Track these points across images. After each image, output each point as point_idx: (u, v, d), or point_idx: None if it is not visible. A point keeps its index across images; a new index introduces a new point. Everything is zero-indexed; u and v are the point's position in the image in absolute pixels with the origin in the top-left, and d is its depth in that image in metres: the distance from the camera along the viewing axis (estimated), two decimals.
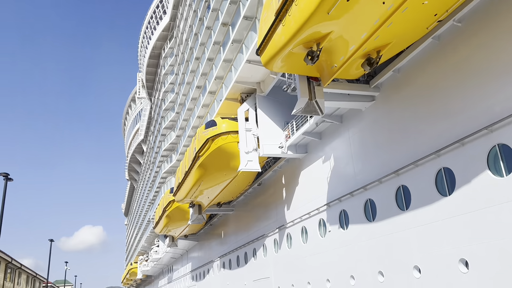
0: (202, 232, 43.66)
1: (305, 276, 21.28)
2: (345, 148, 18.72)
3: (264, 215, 27.54)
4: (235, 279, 32.82)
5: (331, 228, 19.28)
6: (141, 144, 75.55)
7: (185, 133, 40.75)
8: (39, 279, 52.68)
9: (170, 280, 61.60)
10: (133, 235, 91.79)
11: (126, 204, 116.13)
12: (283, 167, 24.80)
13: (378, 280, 15.74)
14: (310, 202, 21.20)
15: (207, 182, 26.59)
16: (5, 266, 34.32)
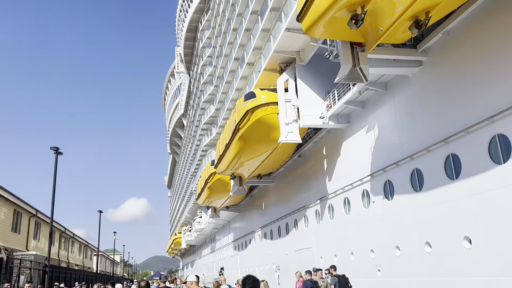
0: (243, 203, 44.32)
1: (348, 246, 21.17)
2: (390, 117, 18.07)
3: (304, 187, 27.45)
4: (277, 249, 33.27)
5: (375, 199, 18.91)
6: (181, 118, 76.83)
7: (224, 106, 40.88)
8: (90, 248, 55.82)
9: (213, 250, 63.48)
10: (176, 206, 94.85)
11: (168, 177, 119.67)
12: (324, 138, 24.41)
13: (425, 250, 15.36)
14: (353, 173, 20.83)
15: (247, 154, 26.67)
16: (59, 236, 36.50)
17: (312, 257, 25.90)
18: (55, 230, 33.72)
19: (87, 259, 53.14)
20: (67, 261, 39.54)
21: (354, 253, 20.61)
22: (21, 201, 24.70)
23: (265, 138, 23.66)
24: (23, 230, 25.85)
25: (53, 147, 21.17)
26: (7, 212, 23.08)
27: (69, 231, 39.60)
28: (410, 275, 16.12)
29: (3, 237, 21.90)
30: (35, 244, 28.27)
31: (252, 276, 4.27)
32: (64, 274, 25.69)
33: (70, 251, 41.88)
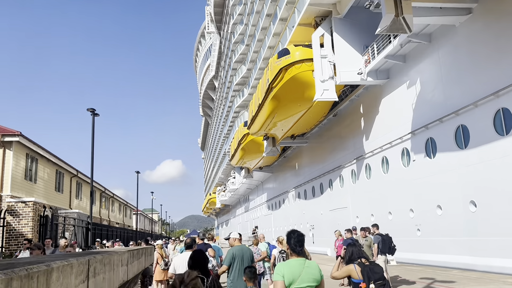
0: (276, 164, 44.33)
1: (385, 206, 20.77)
2: (433, 71, 17.03)
3: (340, 146, 26.90)
4: (311, 208, 33.31)
5: (416, 157, 18.22)
6: (212, 80, 76.50)
7: (256, 66, 40.09)
8: (129, 207, 58.00)
9: (247, 209, 64.65)
10: (210, 167, 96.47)
11: (202, 139, 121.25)
12: (361, 95, 23.53)
13: (469, 210, 14.76)
14: (392, 131, 20.08)
15: (281, 114, 26.19)
16: (100, 195, 37.91)
17: (348, 216, 25.71)
18: (96, 190, 34.99)
19: (126, 217, 55.39)
20: (108, 219, 41.30)
21: (392, 213, 20.21)
22: (63, 162, 25.55)
23: (299, 96, 23.03)
24: (65, 190, 26.90)
25: (90, 109, 21.43)
26: (50, 173, 23.95)
27: (109, 191, 41.07)
28: (452, 235, 15.64)
29: (47, 196, 22.85)
30: (77, 203, 29.47)
31: (297, 230, 4.09)
32: (106, 232, 26.80)
33: (111, 210, 43.63)
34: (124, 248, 5.86)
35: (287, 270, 3.78)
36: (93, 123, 21.43)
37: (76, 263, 2.48)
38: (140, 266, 5.94)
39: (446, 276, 12.47)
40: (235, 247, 6.94)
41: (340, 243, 12.02)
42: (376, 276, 4.75)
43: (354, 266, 4.97)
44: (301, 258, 3.91)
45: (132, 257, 5.12)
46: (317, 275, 3.85)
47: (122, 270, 4.26)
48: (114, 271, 3.74)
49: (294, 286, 3.73)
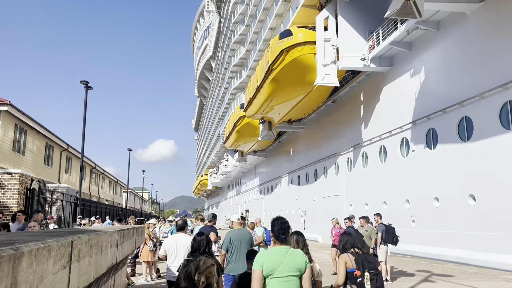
0: (271, 149, 43.95)
1: (381, 195, 20.51)
2: (439, 60, 16.55)
3: (337, 134, 26.50)
4: (304, 195, 33.08)
5: (415, 148, 17.88)
6: (209, 61, 75.40)
7: (256, 47, 39.32)
8: (120, 184, 57.46)
9: (239, 192, 64.49)
10: (203, 149, 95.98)
11: (196, 120, 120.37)
12: (362, 82, 23.03)
13: (468, 203, 14.50)
14: (392, 120, 19.68)
15: (279, 97, 25.68)
16: (90, 171, 37.31)
17: (341, 204, 25.49)
18: (86, 165, 34.37)
19: (116, 195, 54.89)
20: (97, 196, 40.79)
21: (387, 202, 19.96)
22: (53, 135, 24.86)
23: (299, 80, 22.50)
24: (55, 164, 26.28)
25: (83, 81, 20.72)
26: (39, 145, 23.29)
27: (100, 167, 40.46)
28: (449, 228, 15.41)
29: (36, 169, 22.26)
30: (67, 178, 28.90)
31: (281, 218, 3.90)
32: (95, 208, 26.34)
33: (101, 186, 43.06)
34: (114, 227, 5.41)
35: (266, 259, 3.57)
36: (86, 96, 20.78)
37: (55, 246, 2.01)
38: (131, 247, 5.50)
39: (442, 270, 12.24)
40: (232, 231, 6.79)
41: (337, 231, 11.69)
42: (371, 265, 4.70)
43: (348, 255, 4.90)
44: (284, 247, 3.70)
45: (123, 238, 4.66)
46: (301, 264, 3.61)
47: (111, 252, 3.81)
48: (102, 253, 3.28)
49: (274, 275, 3.52)
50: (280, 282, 3.51)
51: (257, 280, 3.49)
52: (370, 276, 4.63)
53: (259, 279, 3.50)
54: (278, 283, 3.51)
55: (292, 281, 3.54)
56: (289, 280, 3.53)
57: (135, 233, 5.94)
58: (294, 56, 21.41)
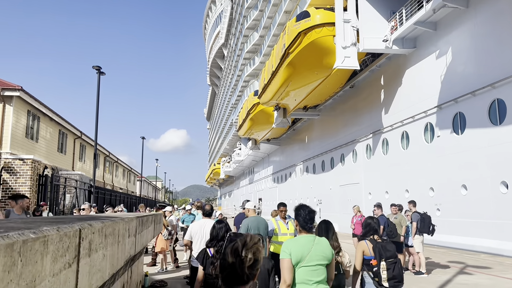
0: (285, 137, 43.25)
1: (402, 183, 19.76)
2: (468, 39, 15.62)
3: (355, 120, 25.69)
4: (319, 183, 32.43)
5: (441, 133, 17.05)
6: (221, 48, 74.50)
7: (270, 32, 38.41)
8: (133, 173, 57.41)
9: (251, 181, 64.06)
10: (216, 138, 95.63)
11: (208, 109, 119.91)
12: (382, 66, 22.13)
13: (500, 191, 13.70)
14: (415, 105, 18.83)
15: (296, 83, 24.90)
16: (104, 159, 37.11)
17: (359, 192, 24.80)
18: (100, 153, 34.13)
19: (130, 183, 54.85)
20: (111, 184, 40.65)
21: (409, 191, 19.21)
22: (66, 122, 24.53)
23: (317, 63, 21.69)
24: (68, 151, 26.00)
25: (95, 66, 20.23)
26: (52, 132, 22.97)
27: (113, 155, 40.24)
28: (478, 216, 14.64)
29: (49, 157, 21.97)
30: (80, 166, 28.67)
31: (307, 206, 3.78)
32: (109, 196, 26.06)
33: (115, 175, 42.91)
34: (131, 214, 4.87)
35: (294, 247, 3.48)
36: (99, 81, 20.32)
37: (55, 236, 1.41)
38: (150, 236, 4.95)
39: (476, 261, 11.53)
40: (249, 218, 6.75)
41: (359, 219, 11.02)
42: (388, 253, 4.55)
43: (366, 242, 4.77)
44: (310, 235, 3.62)
45: (141, 225, 4.09)
46: (328, 253, 3.54)
47: (130, 242, 3.23)
48: (119, 244, 2.70)
49: (302, 264, 3.45)
50: (309, 271, 3.43)
51: (288, 269, 3.39)
52: (386, 266, 4.49)
53: (289, 268, 3.39)
54: (307, 272, 3.43)
55: (320, 269, 3.47)
56: (317, 269, 3.45)
57: (153, 220, 5.39)
58: (312, 38, 20.59)
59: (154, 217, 5.44)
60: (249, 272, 1.72)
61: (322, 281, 3.45)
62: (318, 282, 3.43)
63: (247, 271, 1.71)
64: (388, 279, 4.46)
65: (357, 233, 11.00)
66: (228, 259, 1.72)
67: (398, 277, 4.50)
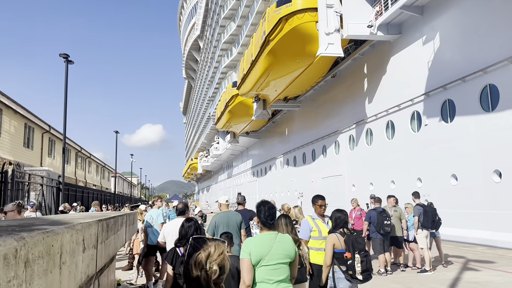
0: (264, 130, 42.42)
1: (388, 174, 19.21)
2: (457, 24, 15.05)
3: (337, 110, 25.03)
4: (300, 176, 31.76)
5: (429, 122, 16.50)
6: (197, 40, 72.85)
7: (248, 21, 37.30)
8: (107, 169, 55.53)
9: (230, 176, 63.08)
10: (193, 132, 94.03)
11: (184, 103, 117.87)
12: (366, 54, 21.48)
13: (492, 180, 13.21)
14: (401, 93, 18.25)
15: (276, 72, 24.01)
16: (75, 155, 35.39)
17: (343, 184, 24.21)
18: (71, 148, 32.46)
19: (104, 180, 52.99)
20: (84, 180, 38.94)
21: (395, 182, 18.67)
22: (33, 115, 22.92)
23: (299, 51, 20.84)
24: (36, 146, 24.36)
25: (63, 54, 18.77)
26: (17, 126, 21.36)
27: (86, 151, 38.46)
28: (469, 207, 14.15)
29: (14, 152, 20.43)
30: (50, 162, 27.04)
31: (268, 202, 3.65)
32: (80, 193, 24.60)
33: (87, 171, 41.12)
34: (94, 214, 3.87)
35: (254, 246, 3.35)
36: (67, 70, 18.91)
37: None
38: (120, 242, 3.95)
39: (475, 254, 10.96)
40: (218, 214, 6.39)
41: (358, 213, 10.24)
42: (360, 246, 4.50)
43: (336, 235, 4.64)
44: (272, 232, 3.51)
45: (107, 231, 3.09)
46: (290, 251, 3.45)
47: (86, 258, 2.24)
48: (62, 267, 1.71)
49: (263, 264, 3.31)
50: (269, 270, 3.31)
51: (247, 270, 3.26)
52: (360, 258, 4.43)
53: (248, 269, 3.26)
54: (267, 271, 3.30)
55: (281, 268, 3.35)
56: (279, 267, 3.33)
57: (125, 222, 4.38)
58: (293, 24, 19.71)
59: (125, 217, 4.44)
60: (215, 282, 1.56)
61: (284, 280, 3.33)
62: (279, 281, 3.30)
63: (213, 282, 1.55)
64: (362, 271, 4.41)
65: (356, 229, 10.19)
66: (193, 272, 1.52)
67: (370, 269, 4.48)
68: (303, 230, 5.21)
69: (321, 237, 5.09)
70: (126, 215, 4.69)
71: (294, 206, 7.48)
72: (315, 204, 5.35)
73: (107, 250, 3.12)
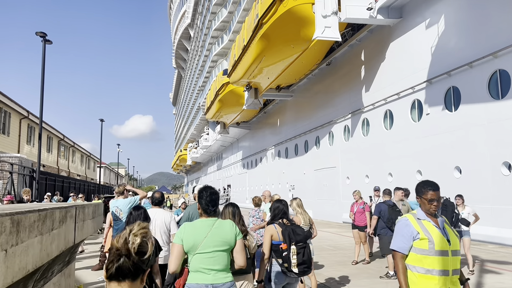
0: (255, 120, 41.30)
1: (385, 166, 18.27)
2: (464, 4, 14.04)
3: (331, 100, 24.00)
4: (292, 168, 30.78)
5: (431, 110, 15.53)
6: (188, 29, 71.15)
7: (240, 7, 35.99)
8: (93, 159, 53.96)
9: (220, 167, 61.95)
10: (182, 123, 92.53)
11: (174, 93, 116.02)
12: (363, 40, 20.44)
13: (501, 173, 12.30)
14: (401, 81, 17.25)
15: (269, 58, 22.84)
16: (57, 143, 33.89)
17: (336, 177, 23.26)
18: (53, 136, 30.99)
19: (90, 170, 51.41)
20: (67, 170, 37.44)
21: (393, 174, 17.74)
22: (8, 99, 21.49)
23: (294, 35, 19.71)
24: (13, 133, 22.93)
25: (39, 32, 17.33)
26: None
27: (69, 139, 36.92)
28: (473, 201, 13.20)
29: None
30: (29, 150, 25.60)
31: (210, 187, 3.49)
32: (61, 183, 23.25)
33: (71, 160, 39.60)
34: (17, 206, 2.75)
35: (187, 233, 3.15)
36: (44, 51, 17.56)
37: None
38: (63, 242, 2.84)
39: (488, 254, 10.06)
40: (192, 205, 5.79)
41: (361, 207, 9.19)
42: (298, 237, 4.31)
43: (274, 226, 4.46)
44: (210, 219, 3.29)
45: (15, 233, 1.95)
46: (229, 237, 3.20)
47: None
48: None
49: (197, 251, 3.10)
50: (204, 258, 3.11)
51: (175, 255, 3.12)
52: (296, 250, 4.23)
53: (177, 254, 3.12)
54: (202, 259, 3.11)
55: (217, 256, 3.13)
56: (214, 256, 3.12)
57: (73, 216, 3.25)
58: (288, 6, 18.54)
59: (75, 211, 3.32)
60: (137, 260, 1.51)
61: (222, 269, 3.13)
62: (217, 270, 3.11)
63: (136, 256, 1.51)
64: (298, 264, 4.19)
65: (358, 224, 9.14)
66: (114, 245, 1.51)
67: (307, 262, 4.26)
68: (400, 237, 3.08)
69: (434, 251, 2.94)
70: (77, 207, 3.57)
71: (293, 198, 6.46)
72: (422, 197, 3.15)
73: (18, 262, 1.99)
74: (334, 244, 12.96)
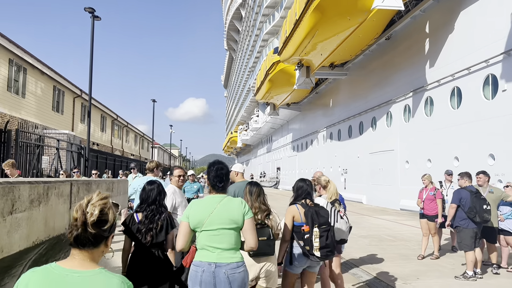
0: (306, 101, 39.93)
1: (451, 149, 16.52)
2: None
3: (390, 78, 22.23)
4: (345, 151, 29.33)
5: (508, 86, 13.61)
6: (239, 9, 70.26)
7: None
8: (147, 139, 55.18)
9: (269, 150, 61.30)
10: (233, 105, 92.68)
11: (225, 75, 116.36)
12: (427, 10, 18.50)
13: None
14: (472, 54, 15.33)
15: (323, 32, 21.36)
16: (111, 123, 34.59)
17: (394, 160, 21.65)
18: (107, 116, 31.60)
19: (143, 150, 52.65)
20: (121, 149, 38.33)
21: (459, 158, 15.98)
22: (63, 78, 21.84)
23: (351, 5, 18.11)
24: (67, 111, 23.40)
25: (88, 8, 17.21)
26: (44, 88, 20.30)
27: (122, 119, 37.65)
28: None
29: (41, 116, 19.43)
30: (83, 128, 26.15)
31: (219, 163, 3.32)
32: (112, 161, 23.54)
33: (125, 140, 40.51)
34: None
35: (194, 209, 3.09)
36: (93, 26, 17.36)
37: None
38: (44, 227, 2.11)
39: None
40: (236, 184, 5.37)
41: (431, 193, 7.91)
42: (322, 220, 4.05)
43: (297, 206, 4.23)
44: (219, 195, 3.17)
45: None
46: (236, 215, 3.04)
47: None
48: None
49: (203, 228, 3.00)
50: (209, 235, 2.99)
51: (182, 234, 3.05)
52: (319, 233, 3.96)
53: (184, 233, 3.05)
54: (207, 237, 3.00)
55: (223, 235, 2.99)
56: (220, 233, 3.00)
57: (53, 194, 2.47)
58: None
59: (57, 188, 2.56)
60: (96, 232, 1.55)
61: (228, 248, 2.97)
62: (222, 249, 2.95)
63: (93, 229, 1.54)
64: (320, 247, 3.97)
65: (428, 213, 7.88)
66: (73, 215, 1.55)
67: (330, 246, 4.03)
68: None
69: None
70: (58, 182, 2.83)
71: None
72: None
73: None
74: (393, 234, 11.72)
